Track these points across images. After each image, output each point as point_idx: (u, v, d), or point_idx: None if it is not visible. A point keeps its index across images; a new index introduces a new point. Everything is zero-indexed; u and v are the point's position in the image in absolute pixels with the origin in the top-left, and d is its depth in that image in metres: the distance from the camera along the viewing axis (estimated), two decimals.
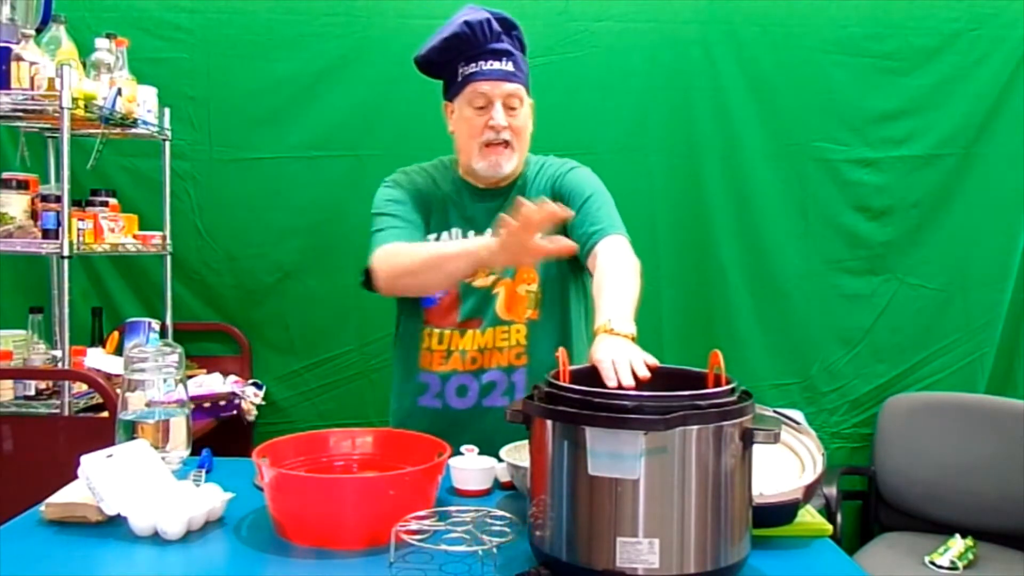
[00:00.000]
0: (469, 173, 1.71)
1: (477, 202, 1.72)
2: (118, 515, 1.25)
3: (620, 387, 1.15)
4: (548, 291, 1.69)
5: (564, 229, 1.66)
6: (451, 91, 1.68)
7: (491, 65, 1.61)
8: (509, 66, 1.62)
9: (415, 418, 1.72)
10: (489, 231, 1.67)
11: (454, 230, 1.71)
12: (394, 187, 1.74)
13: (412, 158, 2.75)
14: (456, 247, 1.58)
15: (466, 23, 1.60)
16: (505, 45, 1.63)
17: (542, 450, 1.09)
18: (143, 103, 2.50)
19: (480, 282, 1.68)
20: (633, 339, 1.32)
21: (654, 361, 1.22)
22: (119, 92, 2.33)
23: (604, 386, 1.15)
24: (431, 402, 1.71)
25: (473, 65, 1.62)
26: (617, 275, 1.50)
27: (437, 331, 1.70)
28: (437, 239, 1.70)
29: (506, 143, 1.64)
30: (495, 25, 1.62)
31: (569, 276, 1.70)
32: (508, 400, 1.65)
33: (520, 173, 1.73)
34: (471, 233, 1.70)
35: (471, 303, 1.69)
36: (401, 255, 1.60)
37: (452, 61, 1.65)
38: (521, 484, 1.39)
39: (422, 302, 1.71)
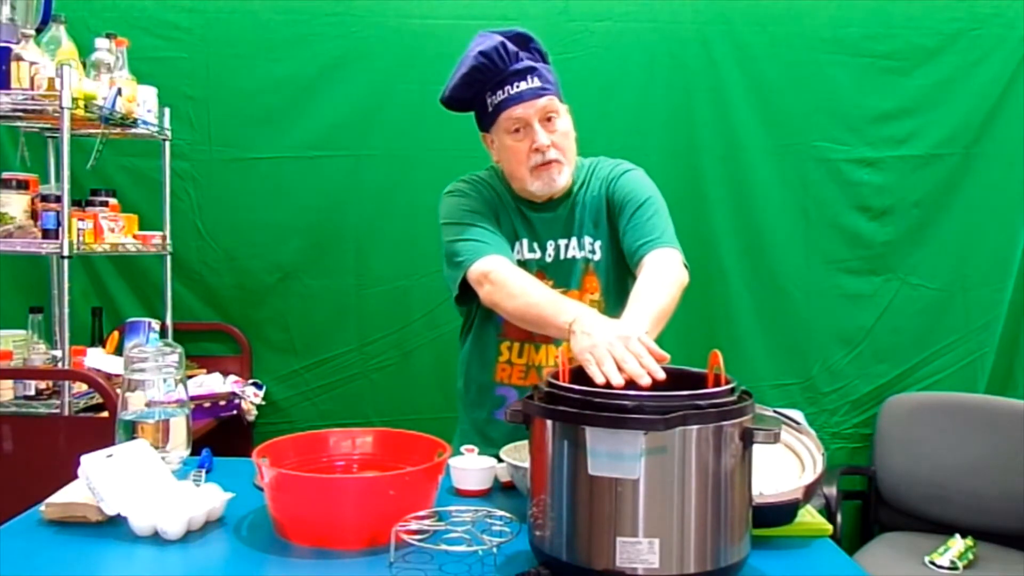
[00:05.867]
0: (524, 191, 1.68)
1: (535, 214, 1.69)
2: (118, 515, 1.25)
3: (608, 385, 1.15)
4: (609, 300, 1.68)
5: (616, 234, 1.67)
6: (485, 122, 1.64)
7: (518, 87, 1.57)
8: (536, 82, 1.58)
9: (488, 432, 1.71)
10: (551, 242, 1.68)
11: (524, 241, 1.68)
12: (464, 196, 1.68)
13: (412, 158, 2.81)
14: (559, 317, 1.41)
15: (481, 53, 1.56)
16: (526, 63, 1.58)
17: (542, 450, 1.09)
18: (143, 103, 2.50)
19: None
20: None
21: (638, 344, 1.22)
22: (119, 92, 2.32)
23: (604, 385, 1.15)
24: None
25: (500, 92, 1.58)
26: (649, 286, 1.48)
27: (517, 344, 1.69)
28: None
29: (555, 160, 1.60)
30: (510, 46, 1.57)
31: (627, 283, 1.67)
32: None
33: (573, 180, 1.70)
34: (535, 244, 1.68)
35: None
36: (513, 291, 1.51)
37: (478, 94, 1.61)
38: (521, 484, 1.40)
39: (497, 315, 1.66)
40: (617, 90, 2.79)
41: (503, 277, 1.53)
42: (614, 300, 1.67)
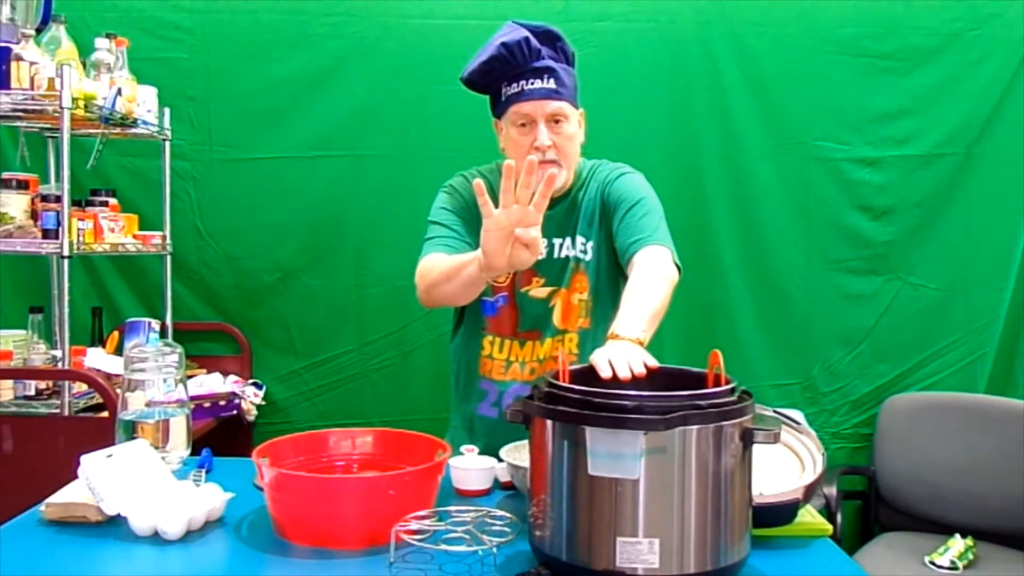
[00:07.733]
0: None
1: None
2: (118, 515, 1.25)
3: (615, 378, 1.15)
4: (598, 300, 1.69)
5: (609, 236, 1.67)
6: (497, 110, 1.67)
7: (532, 84, 1.59)
8: (551, 83, 1.59)
9: (474, 426, 1.73)
10: (544, 240, 1.66)
11: None
12: (451, 193, 1.71)
13: (412, 158, 2.81)
14: (467, 255, 1.52)
15: (504, 44, 1.57)
16: (546, 62, 1.60)
17: (542, 450, 1.09)
18: (143, 103, 2.50)
19: (536, 292, 1.68)
20: (640, 343, 1.32)
21: (653, 362, 1.22)
22: (119, 92, 2.32)
23: (603, 385, 1.15)
24: (489, 411, 1.72)
25: (515, 86, 1.60)
26: (641, 284, 1.49)
27: (499, 339, 1.71)
28: None
29: (552, 161, 1.61)
30: (534, 42, 1.59)
31: (619, 284, 1.68)
32: None
33: (572, 182, 1.71)
34: None
35: (530, 316, 1.69)
36: (433, 268, 1.58)
37: (495, 82, 1.63)
38: (521, 484, 1.39)
39: (482, 310, 1.70)
40: (617, 90, 2.79)
41: (426, 263, 1.59)
42: (603, 300, 1.68)
